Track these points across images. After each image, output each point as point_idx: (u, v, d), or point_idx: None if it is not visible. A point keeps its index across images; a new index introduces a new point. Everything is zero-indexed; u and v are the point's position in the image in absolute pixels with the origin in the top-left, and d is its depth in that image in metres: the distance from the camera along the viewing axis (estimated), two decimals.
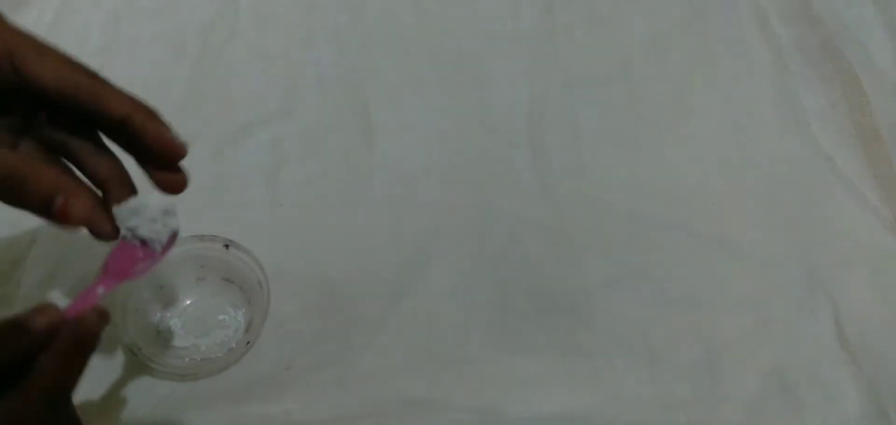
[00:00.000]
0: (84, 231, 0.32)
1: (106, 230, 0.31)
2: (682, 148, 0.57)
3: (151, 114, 0.31)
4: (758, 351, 0.48)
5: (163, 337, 0.48)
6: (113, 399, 0.45)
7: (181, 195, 0.35)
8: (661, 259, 0.51)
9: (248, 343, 0.46)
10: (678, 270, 0.51)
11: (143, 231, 0.33)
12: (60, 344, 0.28)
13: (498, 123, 0.59)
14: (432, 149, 0.57)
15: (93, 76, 0.30)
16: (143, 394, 0.45)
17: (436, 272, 0.51)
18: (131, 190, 0.33)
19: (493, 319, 0.49)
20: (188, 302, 0.49)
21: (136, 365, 0.46)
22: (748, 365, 0.47)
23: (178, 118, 0.58)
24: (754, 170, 0.56)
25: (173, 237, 0.35)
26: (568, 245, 0.52)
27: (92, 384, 0.45)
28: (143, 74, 0.62)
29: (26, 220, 0.50)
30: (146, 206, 0.33)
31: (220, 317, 0.49)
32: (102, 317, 0.30)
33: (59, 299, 0.49)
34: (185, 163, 0.34)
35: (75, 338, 0.28)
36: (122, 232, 0.33)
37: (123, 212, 0.33)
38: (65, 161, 0.33)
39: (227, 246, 0.49)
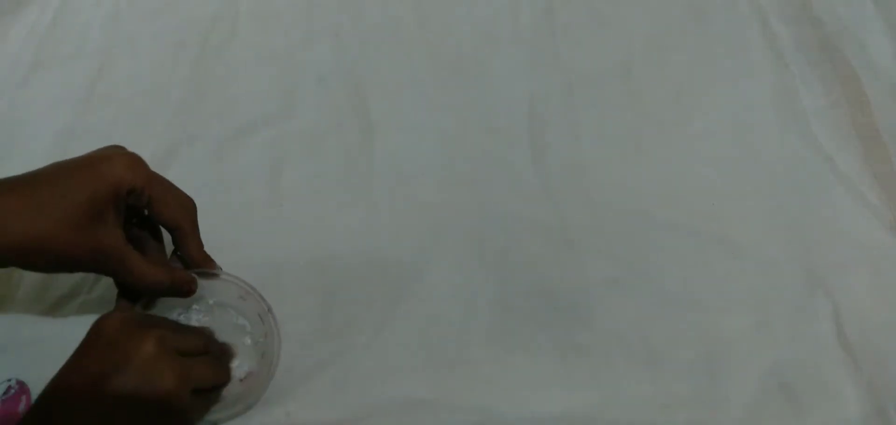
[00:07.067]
0: None
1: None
2: (682, 148, 0.57)
3: (203, 253, 0.47)
4: (758, 351, 0.48)
5: None
6: None
7: None
8: (661, 259, 0.51)
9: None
10: (678, 270, 0.51)
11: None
12: None
13: (498, 123, 0.59)
14: (432, 149, 0.57)
15: (187, 225, 0.46)
16: None
17: (436, 272, 0.51)
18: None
19: (493, 319, 0.49)
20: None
21: None
22: (748, 365, 0.47)
23: (178, 118, 0.59)
24: (754, 170, 0.55)
25: None
26: (568, 245, 0.52)
27: None
28: (143, 74, 0.63)
29: None
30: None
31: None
32: None
33: (58, 299, 0.50)
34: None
35: None
36: None
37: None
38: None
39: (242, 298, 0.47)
